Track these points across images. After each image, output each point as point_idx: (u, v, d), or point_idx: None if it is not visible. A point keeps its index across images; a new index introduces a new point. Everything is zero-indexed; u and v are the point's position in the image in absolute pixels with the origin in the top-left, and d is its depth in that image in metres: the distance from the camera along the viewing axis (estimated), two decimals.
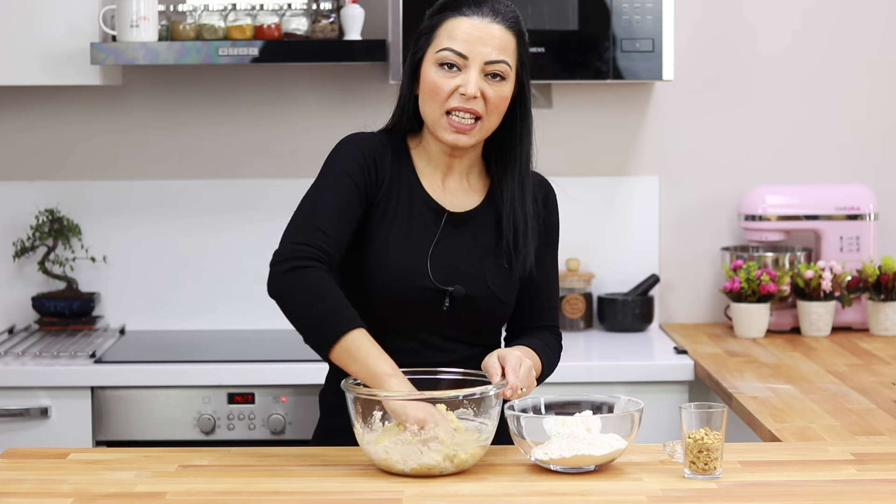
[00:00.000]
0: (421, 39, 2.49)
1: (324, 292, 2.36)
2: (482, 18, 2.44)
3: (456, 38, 2.44)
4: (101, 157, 4.04)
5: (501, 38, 2.44)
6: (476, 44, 2.43)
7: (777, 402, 3.05)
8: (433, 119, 2.47)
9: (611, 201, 4.07)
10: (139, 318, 4.04)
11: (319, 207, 2.44)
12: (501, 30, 2.45)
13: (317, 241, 2.40)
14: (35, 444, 3.46)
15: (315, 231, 2.41)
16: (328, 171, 2.50)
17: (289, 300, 2.38)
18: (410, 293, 2.48)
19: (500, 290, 2.53)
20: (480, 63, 2.43)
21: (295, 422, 3.52)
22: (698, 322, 4.12)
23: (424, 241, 2.51)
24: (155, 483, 2.26)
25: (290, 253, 2.39)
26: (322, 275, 2.37)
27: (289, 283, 2.37)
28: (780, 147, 4.10)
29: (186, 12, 3.80)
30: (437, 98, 2.44)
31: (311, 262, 2.38)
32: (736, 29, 4.06)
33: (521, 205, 2.52)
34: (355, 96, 4.02)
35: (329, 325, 2.34)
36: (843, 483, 2.25)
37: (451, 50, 2.44)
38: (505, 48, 2.45)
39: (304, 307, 2.37)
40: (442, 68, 2.44)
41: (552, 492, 2.20)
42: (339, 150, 2.52)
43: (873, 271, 3.87)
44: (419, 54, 2.49)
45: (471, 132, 2.46)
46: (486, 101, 2.44)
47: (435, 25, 2.47)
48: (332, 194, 2.45)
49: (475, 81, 2.43)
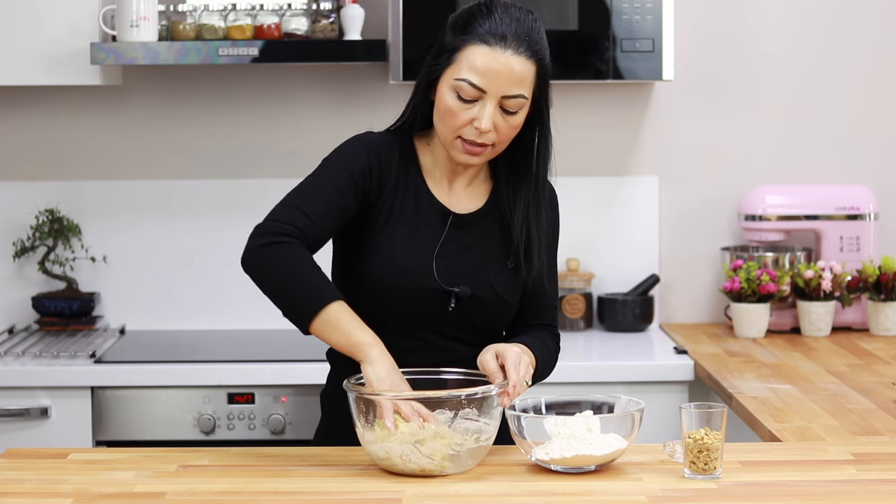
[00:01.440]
0: (442, 56, 2.46)
1: (302, 266, 2.36)
2: (504, 51, 2.41)
3: (475, 71, 2.41)
4: (101, 157, 4.04)
5: (521, 72, 2.42)
6: (494, 78, 2.41)
7: (777, 402, 3.05)
8: (445, 138, 2.47)
9: (611, 201, 4.07)
10: (139, 318, 4.04)
11: (308, 193, 2.45)
12: (521, 61, 2.42)
13: (298, 222, 2.40)
14: (35, 444, 3.46)
15: (298, 213, 2.41)
16: (329, 163, 2.50)
17: (265, 274, 2.38)
18: (415, 294, 2.48)
19: (504, 291, 2.53)
20: (497, 97, 2.42)
21: (295, 422, 3.52)
22: (698, 322, 4.12)
23: (430, 242, 2.51)
24: (155, 483, 2.26)
25: (269, 228, 2.40)
26: (299, 250, 2.38)
27: (265, 256, 2.38)
28: (780, 147, 4.10)
29: (186, 12, 3.80)
30: (452, 123, 2.44)
31: (287, 237, 2.38)
32: (736, 29, 4.06)
33: (536, 219, 2.53)
34: (355, 96, 4.02)
35: (308, 299, 2.35)
36: (843, 483, 2.25)
37: (469, 83, 2.41)
38: (523, 80, 2.43)
39: (282, 281, 2.37)
40: (458, 96, 2.43)
41: (552, 492, 2.20)
42: (346, 146, 2.53)
43: (873, 271, 3.87)
44: (437, 73, 2.47)
45: (481, 155, 2.47)
46: (498, 132, 2.44)
47: (457, 48, 2.43)
48: (325, 184, 2.45)
49: (489, 117, 2.41)
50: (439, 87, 2.46)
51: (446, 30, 2.48)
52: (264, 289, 2.40)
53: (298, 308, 2.36)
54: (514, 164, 2.55)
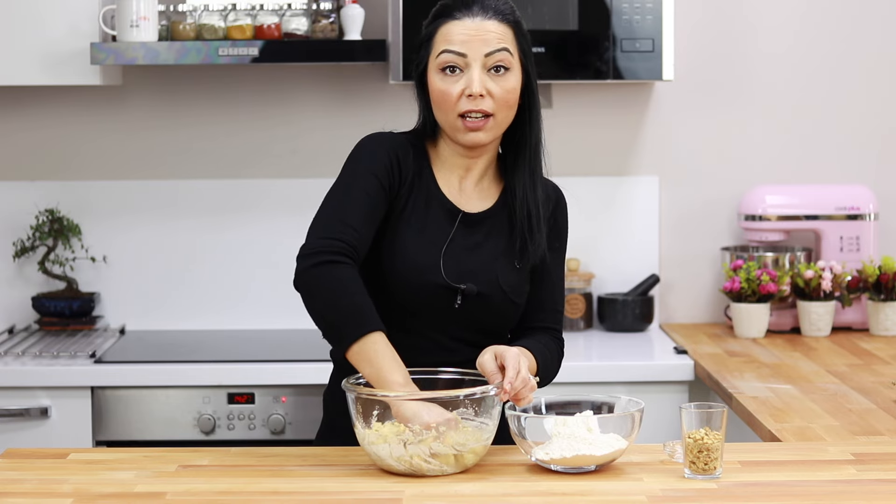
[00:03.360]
0: (421, 50, 2.52)
1: (350, 290, 2.36)
2: (473, 18, 2.47)
3: (452, 41, 2.46)
4: (100, 157, 4.04)
5: (497, 31, 2.47)
6: (472, 41, 2.45)
7: (777, 402, 3.05)
8: (448, 124, 2.49)
9: (611, 201, 4.07)
10: (139, 318, 4.04)
11: (347, 204, 2.45)
12: (496, 24, 2.47)
13: (345, 237, 2.40)
14: (35, 444, 3.46)
15: (344, 226, 2.41)
16: (353, 169, 2.50)
17: (315, 294, 2.37)
18: (422, 290, 2.49)
19: (511, 290, 2.54)
20: (480, 58, 2.45)
21: (295, 422, 3.52)
22: (698, 322, 4.12)
23: (438, 239, 2.52)
24: (155, 483, 2.27)
25: (319, 247, 2.39)
26: (350, 272, 2.38)
27: (316, 277, 2.37)
28: (780, 147, 4.10)
29: (186, 12, 3.80)
30: (448, 104, 2.47)
31: (340, 256, 2.38)
32: (736, 29, 4.06)
33: (533, 191, 2.54)
34: (355, 96, 4.02)
35: (351, 324, 2.34)
36: (843, 483, 2.25)
37: (449, 51, 2.46)
38: (502, 38, 2.47)
39: (329, 303, 2.36)
40: (445, 73, 2.46)
41: (552, 492, 2.20)
42: (363, 148, 2.53)
43: (873, 271, 3.87)
44: (422, 65, 2.52)
45: (485, 128, 2.47)
46: (493, 97, 2.46)
47: (431, 34, 2.50)
48: (359, 192, 2.46)
49: (479, 80, 2.44)
50: (428, 77, 2.50)
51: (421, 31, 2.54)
52: (311, 309, 2.39)
53: (340, 331, 2.36)
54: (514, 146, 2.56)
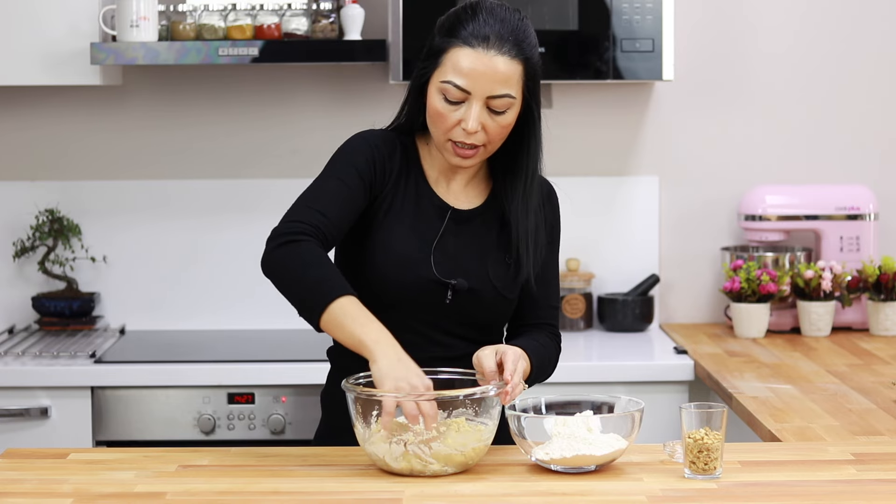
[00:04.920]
0: (429, 60, 2.48)
1: (313, 262, 2.36)
2: (487, 51, 2.42)
3: (459, 73, 2.42)
4: (100, 157, 4.04)
5: (505, 72, 2.43)
6: (479, 79, 2.42)
7: (777, 402, 3.05)
8: (438, 141, 2.49)
9: (611, 201, 4.07)
10: (139, 318, 4.04)
11: (319, 192, 2.46)
12: (506, 61, 2.42)
13: (312, 220, 2.41)
14: (35, 444, 3.46)
15: (312, 211, 2.42)
16: (334, 161, 2.52)
17: (280, 273, 2.38)
18: (413, 285, 2.49)
19: (502, 286, 2.53)
20: (482, 98, 2.43)
21: (295, 422, 3.52)
22: (698, 322, 4.12)
23: (428, 235, 2.52)
24: (155, 483, 2.26)
25: (283, 229, 2.40)
26: (312, 246, 2.37)
27: (279, 257, 2.38)
28: (780, 147, 4.10)
29: (186, 12, 3.80)
30: (441, 126, 2.46)
31: (301, 236, 2.38)
32: (736, 29, 4.06)
33: (525, 217, 2.53)
34: (355, 96, 4.02)
35: (317, 294, 2.34)
36: (843, 483, 2.25)
37: (453, 84, 2.43)
38: (508, 80, 2.43)
39: (294, 279, 2.36)
40: (445, 98, 2.45)
41: (552, 492, 2.20)
42: (349, 144, 2.54)
43: (873, 271, 3.87)
44: (426, 76, 2.49)
45: (473, 157, 2.48)
46: (487, 132, 2.45)
47: (442, 50, 2.45)
48: (334, 181, 2.47)
49: (476, 117, 2.42)
50: (428, 89, 2.48)
51: (434, 33, 2.50)
52: (280, 289, 2.39)
53: (309, 305, 2.35)
54: (510, 161, 2.55)
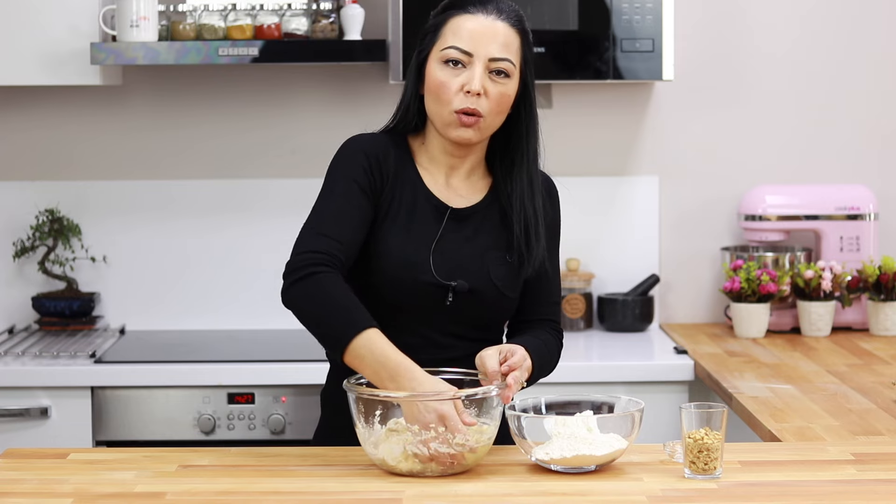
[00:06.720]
0: (426, 38, 2.51)
1: (332, 296, 2.36)
2: (487, 16, 2.46)
3: (461, 36, 2.46)
4: (100, 157, 4.04)
5: (506, 36, 2.46)
6: (481, 41, 2.45)
7: (777, 402, 3.05)
8: (441, 117, 2.48)
9: (611, 201, 4.07)
10: (139, 318, 4.04)
11: (325, 215, 2.45)
12: (506, 27, 2.47)
13: (322, 247, 2.40)
14: (35, 444, 3.46)
15: (320, 237, 2.41)
16: (333, 178, 2.50)
17: (302, 308, 2.38)
18: (413, 288, 2.48)
19: (503, 285, 2.53)
20: (485, 60, 2.45)
21: (295, 422, 3.52)
22: (698, 322, 4.12)
23: (427, 236, 2.51)
24: (155, 483, 2.27)
25: (298, 262, 2.39)
26: (330, 278, 2.37)
27: (298, 291, 2.37)
28: (780, 147, 4.10)
29: (186, 12, 3.80)
30: (444, 96, 2.46)
31: (319, 266, 2.38)
32: (736, 29, 4.06)
33: (531, 201, 2.54)
34: (355, 96, 4.02)
35: (340, 329, 2.34)
36: (843, 483, 2.25)
37: (456, 48, 2.45)
38: (509, 46, 2.47)
39: (316, 314, 2.37)
40: (447, 66, 2.46)
41: (552, 492, 2.20)
42: (342, 155, 2.53)
43: (873, 271, 3.87)
44: (424, 52, 2.51)
45: (475, 126, 2.47)
46: (489, 98, 2.46)
47: (440, 24, 2.49)
48: (338, 200, 2.46)
49: (479, 78, 2.44)
50: (428, 66, 2.49)
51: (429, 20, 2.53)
52: (304, 322, 2.39)
53: (332, 339, 2.36)
54: (510, 149, 2.55)
